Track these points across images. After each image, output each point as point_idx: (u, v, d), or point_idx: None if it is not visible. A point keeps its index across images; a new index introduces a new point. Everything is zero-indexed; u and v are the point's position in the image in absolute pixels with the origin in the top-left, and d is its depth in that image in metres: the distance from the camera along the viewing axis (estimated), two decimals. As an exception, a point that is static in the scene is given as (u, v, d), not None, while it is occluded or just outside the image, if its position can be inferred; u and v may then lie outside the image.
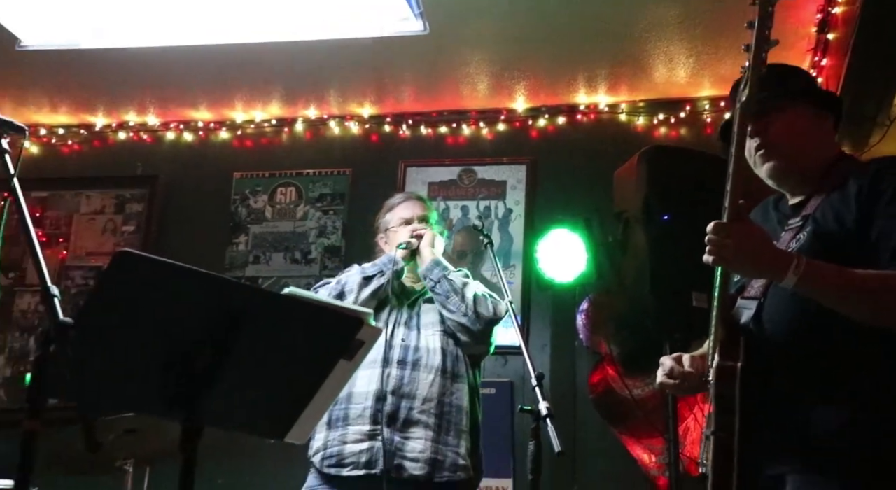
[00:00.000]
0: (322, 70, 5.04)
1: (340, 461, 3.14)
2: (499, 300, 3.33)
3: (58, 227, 5.59)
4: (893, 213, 2.15)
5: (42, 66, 4.19)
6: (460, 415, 3.23)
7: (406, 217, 3.49)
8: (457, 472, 3.15)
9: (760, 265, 2.17)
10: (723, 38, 4.40)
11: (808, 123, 2.38)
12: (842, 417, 2.14)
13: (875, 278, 2.12)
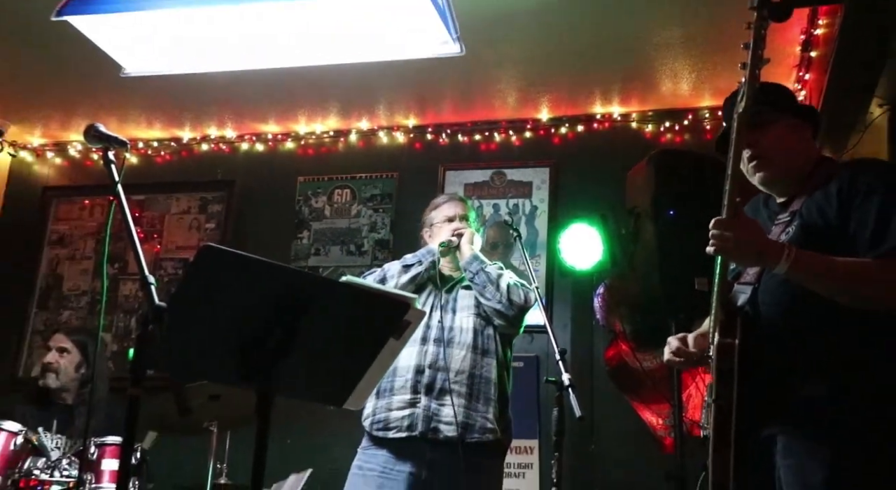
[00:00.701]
0: (372, 87, 5.06)
1: (387, 425, 3.20)
2: (529, 288, 3.35)
3: (153, 225, 5.65)
4: (867, 208, 2.19)
5: (140, 89, 4.25)
6: (489, 385, 3.25)
7: (449, 215, 3.52)
8: (485, 433, 3.18)
9: (757, 255, 2.20)
10: (719, 55, 4.39)
11: (793, 135, 2.42)
12: (825, 387, 2.17)
13: (854, 265, 2.16)
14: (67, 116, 5.61)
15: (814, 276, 2.17)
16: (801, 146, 2.43)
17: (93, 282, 5.65)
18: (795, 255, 2.12)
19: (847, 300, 2.15)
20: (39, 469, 3.57)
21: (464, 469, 3.08)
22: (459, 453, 3.10)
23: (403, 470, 3.16)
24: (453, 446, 3.11)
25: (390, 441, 3.20)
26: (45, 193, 5.90)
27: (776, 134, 2.37)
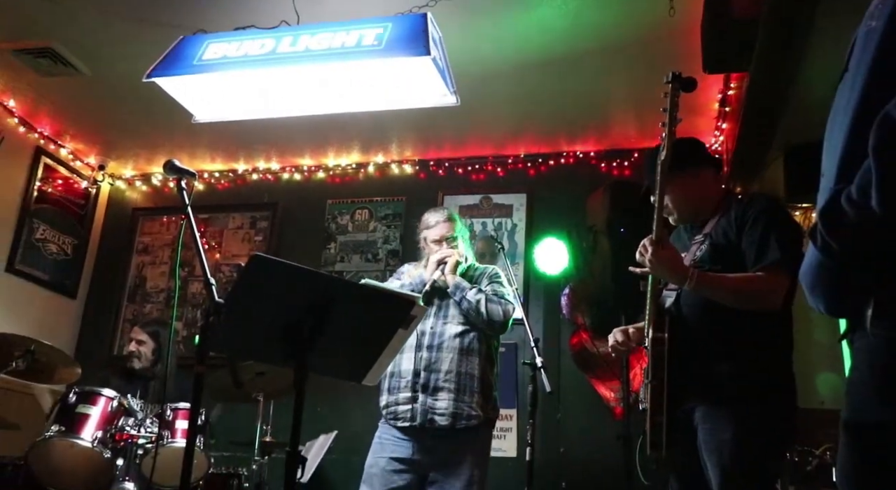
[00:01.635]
0: (386, 130, 5.09)
1: (395, 416, 3.19)
2: (508, 302, 3.27)
3: (214, 237, 5.62)
4: (753, 232, 2.30)
5: (206, 132, 4.30)
6: (473, 380, 3.18)
7: (436, 238, 3.41)
8: (471, 419, 3.13)
9: (669, 275, 2.31)
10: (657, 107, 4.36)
11: (696, 182, 2.48)
12: (728, 367, 2.26)
13: (737, 280, 2.27)
14: (151, 154, 5.63)
15: (710, 292, 2.27)
16: (703, 190, 2.50)
17: (168, 282, 5.64)
18: (697, 278, 2.24)
19: (735, 305, 2.26)
20: (129, 426, 3.60)
21: (452, 444, 3.11)
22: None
23: (407, 444, 3.16)
24: (447, 432, 3.11)
25: (399, 428, 3.19)
26: (134, 213, 5.91)
27: (682, 184, 2.43)
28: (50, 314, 5.42)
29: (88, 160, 5.75)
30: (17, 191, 5.19)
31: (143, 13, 3.91)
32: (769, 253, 2.23)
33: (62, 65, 4.41)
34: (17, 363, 3.51)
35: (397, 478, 3.11)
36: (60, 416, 3.55)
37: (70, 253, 5.60)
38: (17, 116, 5.10)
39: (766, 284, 2.22)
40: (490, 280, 3.39)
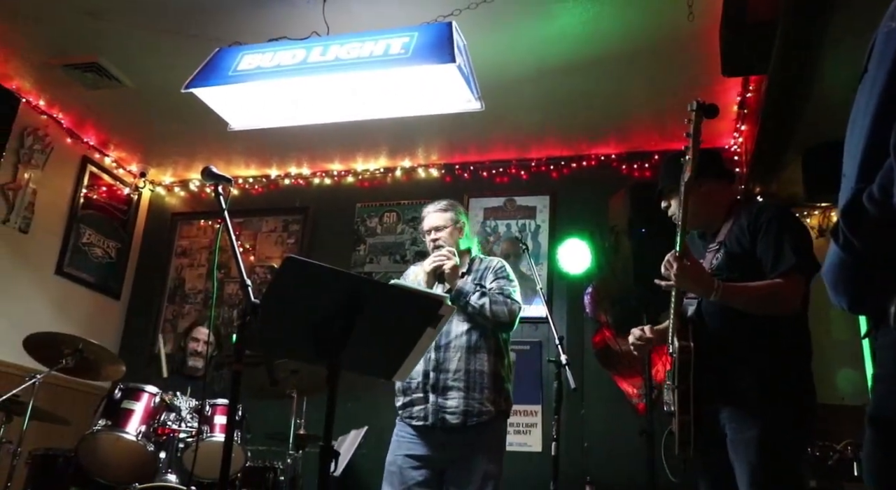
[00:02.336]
0: (413, 135, 5.09)
1: (410, 415, 3.13)
2: (514, 302, 3.14)
3: (249, 240, 5.66)
4: (767, 240, 2.34)
5: (240, 140, 4.33)
6: (483, 377, 3.07)
7: (426, 229, 3.30)
8: (482, 415, 3.03)
9: (695, 287, 2.34)
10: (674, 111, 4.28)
11: (711, 194, 2.50)
12: (753, 370, 2.30)
13: (759, 288, 2.29)
14: (189, 161, 5.70)
15: (734, 301, 2.29)
16: (717, 199, 2.52)
17: (205, 283, 5.68)
18: (722, 290, 2.26)
19: (757, 312, 2.29)
20: (171, 421, 3.63)
21: (465, 439, 3.03)
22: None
23: (423, 441, 3.11)
24: (458, 429, 3.03)
25: (414, 427, 3.13)
26: (173, 218, 5.97)
27: (701, 194, 2.44)
28: (96, 314, 5.49)
29: (130, 168, 5.83)
30: (66, 198, 5.27)
31: (181, 27, 3.96)
32: (785, 259, 2.28)
33: (107, 78, 4.49)
34: (66, 361, 3.56)
35: (416, 474, 3.07)
36: (107, 411, 3.59)
37: (114, 256, 5.67)
38: (65, 128, 5.19)
39: (786, 290, 2.27)
40: (496, 275, 3.23)
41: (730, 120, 4.52)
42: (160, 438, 3.58)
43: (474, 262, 3.32)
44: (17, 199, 4.84)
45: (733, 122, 4.54)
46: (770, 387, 2.25)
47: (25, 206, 4.90)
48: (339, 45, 3.34)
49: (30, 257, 4.96)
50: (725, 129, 4.62)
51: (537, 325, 4.89)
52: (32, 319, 4.57)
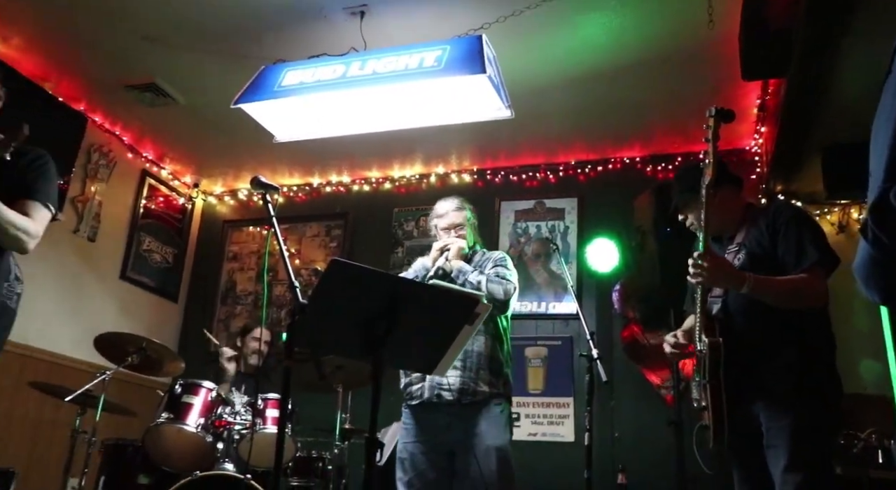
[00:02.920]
0: (446, 143, 5.10)
1: (410, 395, 3.11)
2: (509, 283, 3.09)
3: (294, 245, 5.70)
4: (788, 239, 2.34)
5: (285, 150, 4.38)
6: (480, 358, 3.03)
7: (445, 226, 3.28)
8: (477, 395, 2.98)
9: (727, 281, 2.33)
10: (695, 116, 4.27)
11: (724, 201, 2.46)
12: (781, 363, 2.28)
13: (787, 282, 2.28)
14: (238, 171, 5.78)
15: (764, 293, 2.28)
16: (731, 205, 2.50)
17: (255, 285, 5.75)
18: (753, 282, 2.24)
19: (785, 305, 2.28)
20: (227, 414, 3.66)
21: (465, 419, 2.99)
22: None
23: (426, 424, 3.08)
24: (454, 406, 2.99)
25: (414, 406, 3.11)
26: (224, 225, 6.05)
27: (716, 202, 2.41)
28: (156, 315, 5.59)
29: (185, 179, 5.93)
30: (127, 208, 5.38)
31: (229, 48, 4.03)
32: (808, 255, 2.28)
33: (163, 97, 4.59)
34: (132, 358, 3.62)
35: (425, 458, 3.05)
36: (169, 404, 3.65)
37: (171, 261, 5.78)
38: (126, 144, 5.31)
39: (811, 284, 2.26)
40: (495, 264, 3.22)
41: (750, 122, 4.46)
42: (217, 430, 3.61)
43: (476, 254, 3.30)
44: (85, 210, 4.96)
45: (753, 125, 4.49)
46: (800, 380, 2.24)
47: (92, 217, 5.02)
48: (376, 59, 3.37)
49: (97, 264, 5.08)
50: (746, 131, 4.57)
51: (568, 321, 4.88)
52: (100, 321, 4.68)
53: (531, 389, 4.82)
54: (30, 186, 2.33)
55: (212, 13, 3.78)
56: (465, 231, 3.26)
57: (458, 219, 3.28)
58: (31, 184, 2.34)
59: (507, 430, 3.06)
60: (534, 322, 4.97)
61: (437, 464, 3.05)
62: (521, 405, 4.76)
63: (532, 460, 4.55)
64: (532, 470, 4.49)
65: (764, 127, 4.40)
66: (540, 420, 4.75)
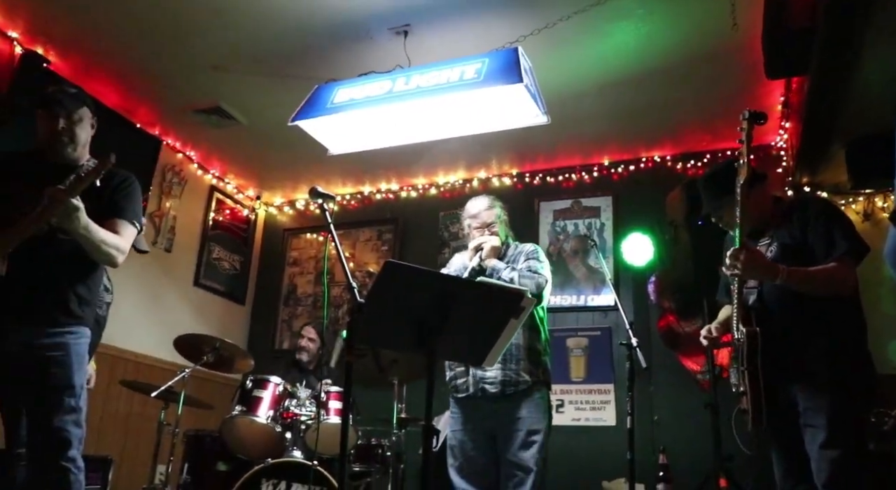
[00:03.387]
0: (487, 149, 5.10)
1: (456, 388, 3.11)
2: (541, 276, 3.05)
3: (348, 249, 5.74)
4: (818, 230, 2.32)
5: (338, 162, 4.41)
6: (519, 350, 3.00)
7: (478, 225, 3.25)
8: (519, 385, 2.98)
9: (762, 273, 2.32)
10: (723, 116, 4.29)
11: (758, 195, 2.44)
12: (817, 348, 2.27)
13: (819, 272, 2.26)
14: (295, 183, 5.86)
15: (797, 283, 2.27)
16: (761, 201, 2.47)
17: (314, 288, 5.82)
18: (787, 272, 2.24)
19: (817, 293, 2.27)
20: (293, 406, 3.73)
21: (508, 407, 2.98)
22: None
23: (472, 414, 3.08)
24: (497, 398, 2.99)
25: (459, 399, 3.11)
26: (284, 233, 6.12)
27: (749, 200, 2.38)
28: (226, 318, 5.72)
29: (248, 192, 6.05)
30: (199, 221, 5.52)
31: (285, 70, 4.12)
32: (838, 245, 2.27)
33: (227, 119, 4.72)
34: (207, 357, 3.73)
35: (472, 445, 3.06)
36: (241, 398, 3.74)
37: (238, 268, 5.90)
38: (195, 162, 5.46)
39: (842, 272, 2.25)
40: (527, 257, 3.17)
41: (774, 119, 4.37)
42: (286, 421, 3.68)
43: (509, 248, 3.28)
44: (161, 224, 5.12)
45: (778, 121, 4.40)
46: (834, 363, 2.22)
47: (168, 230, 5.18)
48: (419, 74, 3.41)
49: (173, 272, 5.23)
50: (771, 127, 4.48)
51: (606, 312, 4.85)
52: (178, 324, 4.82)
53: (574, 377, 4.81)
54: (118, 206, 2.43)
55: (268, 40, 3.88)
56: (496, 228, 3.24)
57: (489, 217, 3.26)
58: (119, 204, 2.44)
59: (547, 416, 3.04)
60: (574, 314, 4.96)
61: (484, 449, 3.06)
62: (564, 392, 4.75)
63: (577, 444, 4.55)
64: (577, 452, 4.49)
65: (788, 123, 4.32)
66: (583, 406, 4.73)
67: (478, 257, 3.14)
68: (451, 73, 3.31)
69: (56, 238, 2.26)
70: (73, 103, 2.44)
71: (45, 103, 2.42)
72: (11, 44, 3.97)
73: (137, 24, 3.81)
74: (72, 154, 2.44)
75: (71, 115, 2.42)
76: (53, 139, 2.41)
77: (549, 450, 2.99)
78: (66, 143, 2.42)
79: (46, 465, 2.20)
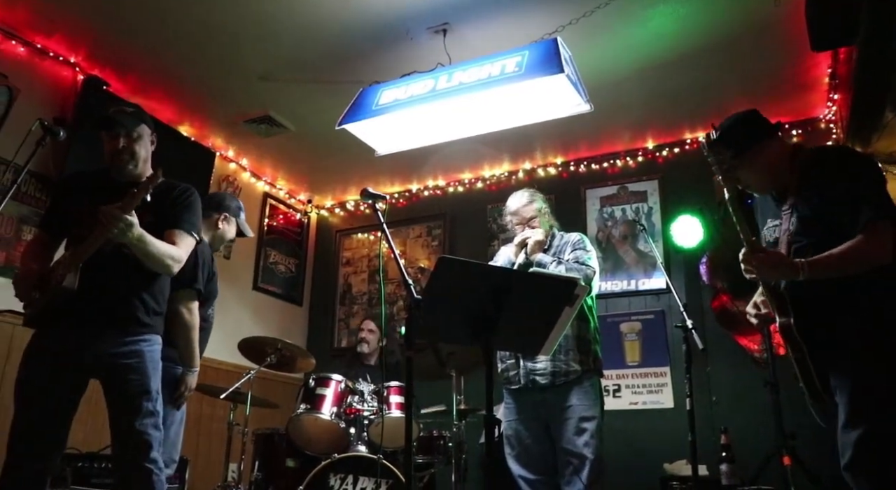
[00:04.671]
0: (531, 140, 5.06)
1: (508, 380, 3.14)
2: (588, 267, 3.04)
3: (399, 246, 5.74)
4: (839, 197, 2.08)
5: (386, 162, 4.43)
6: (568, 340, 2.99)
7: (519, 221, 3.26)
8: (569, 375, 2.97)
9: (780, 275, 2.12)
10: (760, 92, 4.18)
11: (758, 158, 2.23)
12: (847, 324, 2.06)
13: (845, 252, 2.02)
14: (345, 185, 5.93)
15: (823, 274, 2.05)
16: (774, 159, 2.23)
17: (368, 286, 5.87)
18: (808, 267, 2.03)
19: (851, 273, 2.04)
20: (356, 402, 3.78)
21: (559, 396, 2.98)
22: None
23: (525, 404, 3.10)
24: (548, 389, 3.00)
25: (511, 391, 3.14)
26: (337, 234, 6.18)
27: (751, 161, 2.22)
28: (285, 319, 5.82)
29: (299, 197, 6.15)
30: (254, 228, 5.60)
31: (329, 76, 4.17)
32: (863, 211, 2.02)
33: (276, 127, 4.80)
34: (270, 358, 3.81)
35: (527, 434, 3.07)
36: (305, 397, 3.80)
37: (294, 271, 6.00)
38: (248, 170, 5.57)
39: (874, 243, 2.00)
40: (573, 247, 3.16)
41: (822, 91, 4.24)
42: (349, 417, 3.73)
43: (554, 238, 3.26)
44: (220, 232, 5.24)
45: (825, 93, 4.26)
46: (863, 336, 2.03)
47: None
48: (461, 71, 3.41)
49: (233, 278, 5.34)
50: (818, 100, 4.35)
51: (658, 295, 4.78)
52: (240, 327, 4.94)
53: (629, 362, 4.76)
54: (177, 217, 2.50)
55: (311, 48, 3.92)
56: (537, 222, 3.22)
57: (529, 212, 3.24)
58: (177, 215, 2.51)
59: (598, 403, 3.03)
60: (626, 299, 4.89)
61: (539, 438, 3.07)
62: (620, 377, 4.71)
63: (636, 427, 4.50)
64: (637, 436, 4.44)
65: (837, 94, 4.17)
66: (640, 390, 4.68)
67: (523, 253, 3.14)
68: (493, 67, 3.30)
69: (121, 252, 2.34)
70: (131, 122, 2.52)
71: (106, 124, 2.51)
72: (74, 70, 4.13)
73: (187, 42, 3.92)
74: (133, 171, 2.52)
75: (130, 134, 2.50)
76: (116, 158, 2.50)
77: (608, 435, 2.97)
78: (126, 160, 2.50)
79: (131, 466, 2.28)
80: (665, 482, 3.85)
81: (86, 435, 2.60)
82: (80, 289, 2.29)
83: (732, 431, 3.79)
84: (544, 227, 3.25)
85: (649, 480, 3.95)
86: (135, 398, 2.32)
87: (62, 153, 3.91)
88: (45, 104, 3.95)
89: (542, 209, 3.28)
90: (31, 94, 3.81)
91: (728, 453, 3.67)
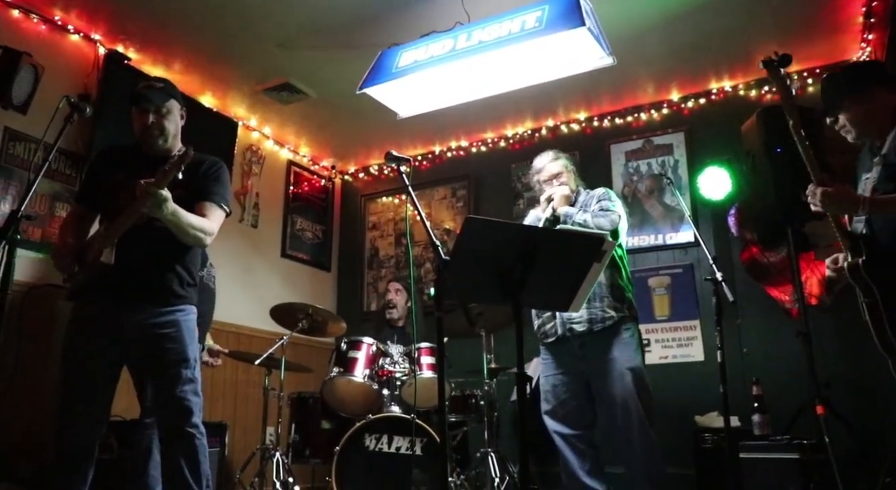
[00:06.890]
0: (553, 96, 4.99)
1: (545, 334, 3.16)
2: (613, 213, 3.11)
3: (425, 208, 5.66)
4: None
5: (408, 124, 4.38)
6: (601, 288, 3.04)
7: (545, 179, 3.32)
8: (606, 321, 3.02)
9: (841, 207, 2.19)
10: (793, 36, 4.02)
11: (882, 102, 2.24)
12: None
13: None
14: (368, 149, 5.90)
15: (884, 212, 2.13)
16: (879, 111, 2.24)
17: (395, 250, 5.90)
18: (869, 203, 2.11)
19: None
20: (387, 364, 3.83)
21: (598, 347, 3.02)
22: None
23: (563, 357, 3.13)
24: (585, 336, 3.04)
25: (548, 344, 3.17)
26: (362, 198, 6.20)
27: (857, 105, 2.25)
28: (314, 285, 5.90)
29: (323, 163, 6.15)
30: (280, 196, 5.67)
31: (348, 40, 4.13)
32: None
33: (296, 93, 4.78)
34: (302, 324, 3.88)
35: (564, 388, 3.10)
36: (337, 360, 3.87)
37: (321, 237, 6.05)
38: (271, 139, 5.58)
39: None
40: (599, 199, 3.23)
41: (855, 32, 4.07)
42: (381, 379, 3.79)
43: (580, 194, 3.32)
44: (245, 202, 5.30)
45: (859, 34, 4.08)
46: None
47: (252, 207, 5.35)
48: (480, 29, 3.34)
49: (261, 246, 5.41)
50: (850, 41, 4.17)
51: (686, 249, 4.74)
52: (270, 294, 5.02)
53: (658, 316, 4.75)
54: (207, 190, 2.54)
55: (328, 11, 3.88)
56: (564, 178, 3.29)
57: (555, 169, 3.31)
58: (207, 188, 2.54)
59: (639, 352, 3.07)
60: (654, 254, 4.85)
61: (577, 391, 3.10)
62: (650, 332, 4.70)
63: (666, 381, 4.49)
64: (668, 389, 4.44)
65: (871, 34, 4.00)
66: (670, 343, 4.68)
67: (550, 207, 3.18)
68: (512, 24, 3.23)
69: (154, 226, 2.38)
70: (160, 98, 2.53)
71: (136, 100, 2.53)
72: (95, 45, 4.14)
73: (203, 12, 3.89)
74: (163, 146, 2.55)
75: (160, 110, 2.52)
76: (145, 134, 2.53)
77: (642, 386, 2.97)
78: (156, 135, 2.53)
79: (174, 432, 2.36)
80: (697, 434, 3.87)
81: (129, 403, 2.68)
82: (117, 263, 2.34)
83: (764, 383, 3.77)
84: (571, 184, 3.30)
85: (682, 433, 3.97)
86: (173, 366, 2.38)
87: (89, 129, 3.95)
88: (69, 81, 3.97)
89: (567, 166, 3.35)
90: (54, 72, 3.84)
91: (760, 404, 3.66)
